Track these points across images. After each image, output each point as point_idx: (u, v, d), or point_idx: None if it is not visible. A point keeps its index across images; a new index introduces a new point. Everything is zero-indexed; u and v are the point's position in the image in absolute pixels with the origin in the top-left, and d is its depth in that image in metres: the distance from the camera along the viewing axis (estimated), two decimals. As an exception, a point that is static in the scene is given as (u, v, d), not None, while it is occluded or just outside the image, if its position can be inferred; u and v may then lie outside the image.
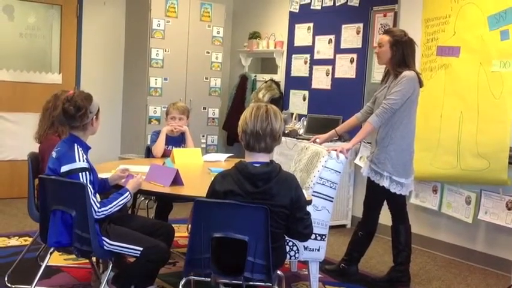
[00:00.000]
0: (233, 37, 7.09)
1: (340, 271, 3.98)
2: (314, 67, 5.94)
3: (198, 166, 3.99)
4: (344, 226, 5.43)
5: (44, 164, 3.26)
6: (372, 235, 3.95)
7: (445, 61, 4.47)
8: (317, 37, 5.91)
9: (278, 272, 2.70)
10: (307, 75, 6.01)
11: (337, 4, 5.67)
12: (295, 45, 6.18)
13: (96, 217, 2.81)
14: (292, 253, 3.28)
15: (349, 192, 5.44)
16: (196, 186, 3.23)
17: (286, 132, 5.41)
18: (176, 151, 4.02)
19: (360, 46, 5.43)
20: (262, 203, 2.43)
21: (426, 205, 4.74)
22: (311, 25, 5.98)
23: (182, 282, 2.65)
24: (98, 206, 2.82)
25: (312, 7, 5.95)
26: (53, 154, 2.89)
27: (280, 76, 6.39)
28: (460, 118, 4.34)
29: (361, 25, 5.42)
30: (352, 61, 5.51)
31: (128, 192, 2.94)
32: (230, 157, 4.37)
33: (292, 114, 6.07)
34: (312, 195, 3.28)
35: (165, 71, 6.09)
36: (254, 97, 6.28)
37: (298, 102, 6.13)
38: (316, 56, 5.92)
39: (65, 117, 2.86)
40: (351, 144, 3.64)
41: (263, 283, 2.55)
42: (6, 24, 5.77)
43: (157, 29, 5.98)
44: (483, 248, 4.48)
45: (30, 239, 4.02)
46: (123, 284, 2.91)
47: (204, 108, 6.43)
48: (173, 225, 3.32)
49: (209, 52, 6.39)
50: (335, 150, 3.45)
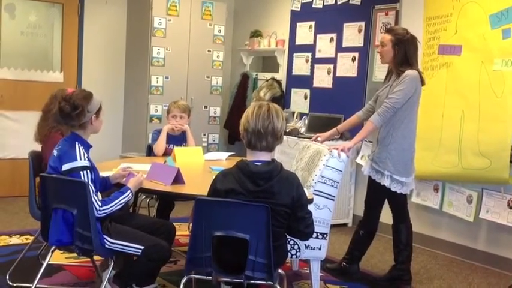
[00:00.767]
0: (234, 36, 7.08)
1: (341, 270, 3.98)
2: (315, 66, 5.93)
3: (200, 165, 3.99)
4: (345, 225, 5.43)
5: (47, 163, 3.26)
6: (373, 234, 3.95)
7: (447, 60, 4.47)
8: (318, 36, 5.90)
9: (279, 271, 2.69)
10: (308, 73, 6.01)
11: (338, 3, 5.66)
12: (296, 43, 6.18)
13: (97, 215, 2.81)
14: (293, 252, 3.28)
15: (350, 191, 5.44)
16: (197, 184, 3.23)
17: (287, 131, 5.40)
18: (177, 150, 4.02)
19: (362, 45, 5.42)
20: (263, 202, 2.43)
21: (427, 204, 4.74)
22: (312, 24, 5.97)
23: (183, 280, 2.66)
24: (99, 205, 2.82)
25: (314, 5, 5.95)
26: (54, 152, 2.89)
27: (281, 75, 6.38)
28: (462, 117, 4.34)
29: (362, 24, 5.41)
30: (353, 60, 5.50)
31: (130, 190, 2.94)
32: (231, 156, 4.38)
33: (293, 112, 6.07)
34: (314, 193, 3.28)
35: (167, 70, 6.09)
36: (255, 96, 6.28)
37: (299, 100, 6.13)
38: (317, 55, 5.92)
39: (61, 116, 2.86)
40: (352, 143, 3.64)
41: (264, 282, 2.55)
42: (7, 22, 5.77)
43: (158, 28, 5.98)
44: (485, 247, 4.47)
45: (31, 238, 4.02)
46: (124, 283, 2.92)
47: (205, 106, 6.43)
48: (174, 223, 3.32)
49: (210, 51, 6.38)
50: (336, 149, 3.45)
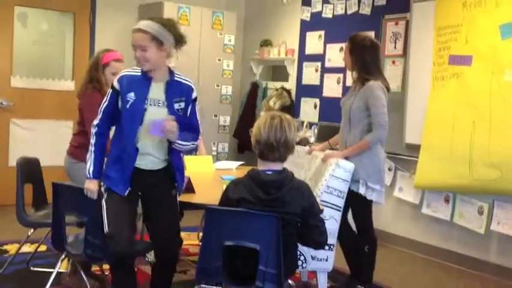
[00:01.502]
0: (244, 45, 7.11)
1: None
2: (325, 75, 5.93)
3: (210, 174, 4.00)
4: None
5: (84, 118, 3.49)
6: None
7: (457, 70, 4.45)
8: (328, 45, 5.91)
9: (289, 281, 2.69)
10: (318, 83, 6.01)
11: (348, 12, 5.68)
12: (306, 53, 6.19)
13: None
14: (299, 262, 3.26)
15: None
16: (207, 194, 3.23)
17: (297, 140, 5.38)
18: (188, 159, 4.02)
19: (372, 55, 5.41)
20: (274, 211, 2.43)
21: (438, 215, 4.71)
22: (322, 33, 5.98)
23: (193, 290, 2.65)
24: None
25: (324, 15, 5.96)
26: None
27: (291, 84, 6.39)
28: (472, 128, 4.32)
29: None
30: (363, 69, 5.49)
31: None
32: (241, 165, 4.37)
33: (303, 122, 6.07)
34: (320, 204, 3.27)
35: (177, 79, 6.09)
36: (265, 105, 6.29)
37: (309, 110, 6.13)
38: (327, 64, 5.92)
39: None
40: (341, 154, 3.56)
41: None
42: (20, 31, 5.81)
43: (169, 37, 6.00)
44: (496, 259, 4.43)
45: (44, 247, 4.03)
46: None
47: (215, 115, 6.44)
48: (184, 233, 3.30)
49: (220, 60, 6.41)
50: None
